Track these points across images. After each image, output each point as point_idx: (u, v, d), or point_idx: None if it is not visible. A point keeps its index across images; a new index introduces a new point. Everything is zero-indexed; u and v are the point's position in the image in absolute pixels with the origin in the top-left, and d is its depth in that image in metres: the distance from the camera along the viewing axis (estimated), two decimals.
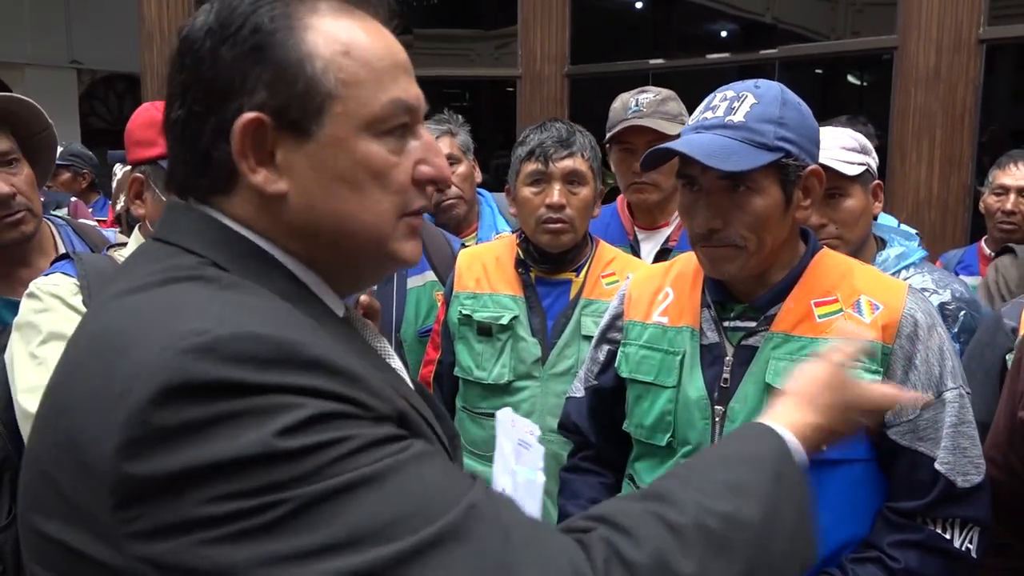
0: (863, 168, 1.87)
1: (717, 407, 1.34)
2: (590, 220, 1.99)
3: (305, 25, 0.76)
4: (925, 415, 1.26)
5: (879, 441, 1.28)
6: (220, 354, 0.62)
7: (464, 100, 9.51)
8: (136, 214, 1.63)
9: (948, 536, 1.26)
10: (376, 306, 1.02)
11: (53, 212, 2.83)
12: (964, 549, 1.26)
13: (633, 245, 2.34)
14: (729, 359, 1.34)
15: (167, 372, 0.61)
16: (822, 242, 1.48)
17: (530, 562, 0.64)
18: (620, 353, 1.50)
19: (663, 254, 2.23)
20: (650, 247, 2.32)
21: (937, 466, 1.25)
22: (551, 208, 1.90)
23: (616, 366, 1.50)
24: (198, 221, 0.78)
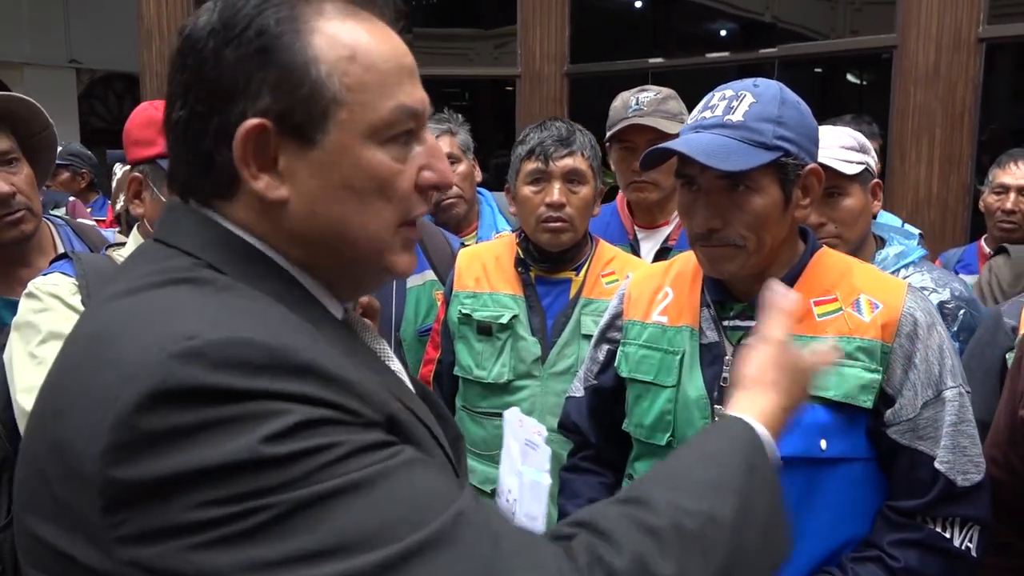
0: (862, 167, 1.87)
1: (717, 406, 1.34)
2: (590, 219, 1.99)
3: (311, 28, 0.74)
4: (925, 414, 1.26)
5: (879, 440, 1.28)
6: (209, 359, 0.62)
7: (463, 99, 9.51)
8: (135, 213, 1.63)
9: (948, 535, 1.26)
10: (376, 306, 1.02)
11: (52, 212, 2.82)
12: (964, 548, 1.26)
13: (633, 244, 2.34)
14: (729, 358, 1.34)
15: (156, 376, 0.61)
16: (821, 241, 1.47)
17: (520, 570, 0.64)
18: (620, 353, 1.50)
19: (663, 253, 2.23)
20: (650, 246, 2.32)
21: (937, 465, 1.25)
22: (551, 207, 1.90)
23: (616, 366, 1.50)
24: (197, 223, 0.77)
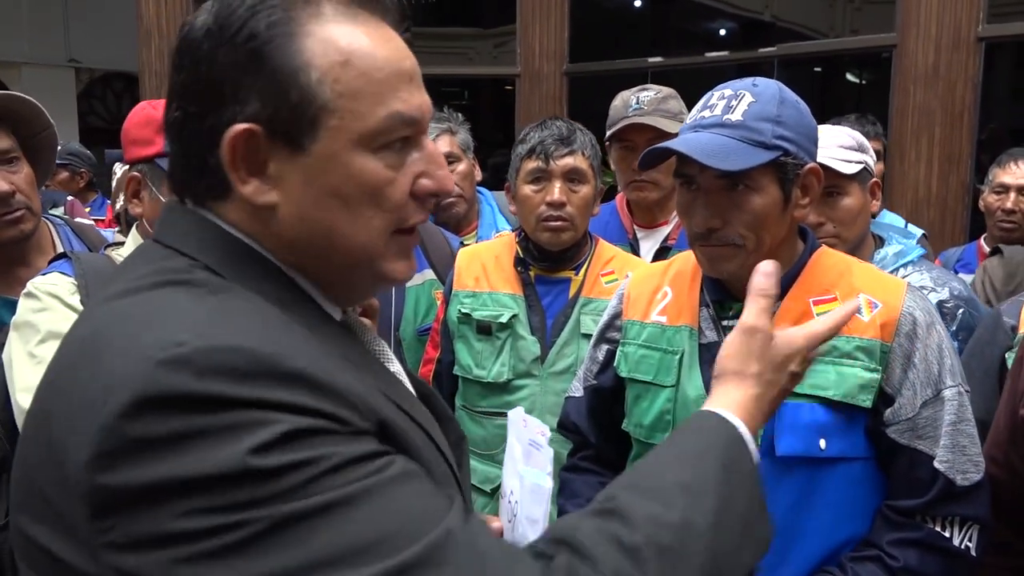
0: (860, 166, 1.87)
1: None
2: (590, 218, 1.99)
3: (305, 32, 0.73)
4: (924, 413, 1.26)
5: (878, 439, 1.28)
6: (196, 366, 0.61)
7: (463, 98, 9.51)
8: (133, 213, 1.63)
9: (947, 534, 1.26)
10: (375, 305, 1.01)
11: (50, 211, 2.82)
12: (963, 547, 1.26)
13: (632, 243, 2.34)
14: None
15: (142, 383, 0.61)
16: (820, 240, 1.47)
17: None
18: (619, 352, 1.50)
19: (662, 252, 2.23)
20: (649, 245, 2.32)
21: (936, 464, 1.25)
22: (552, 205, 1.90)
23: (615, 365, 1.50)
24: (194, 224, 0.77)
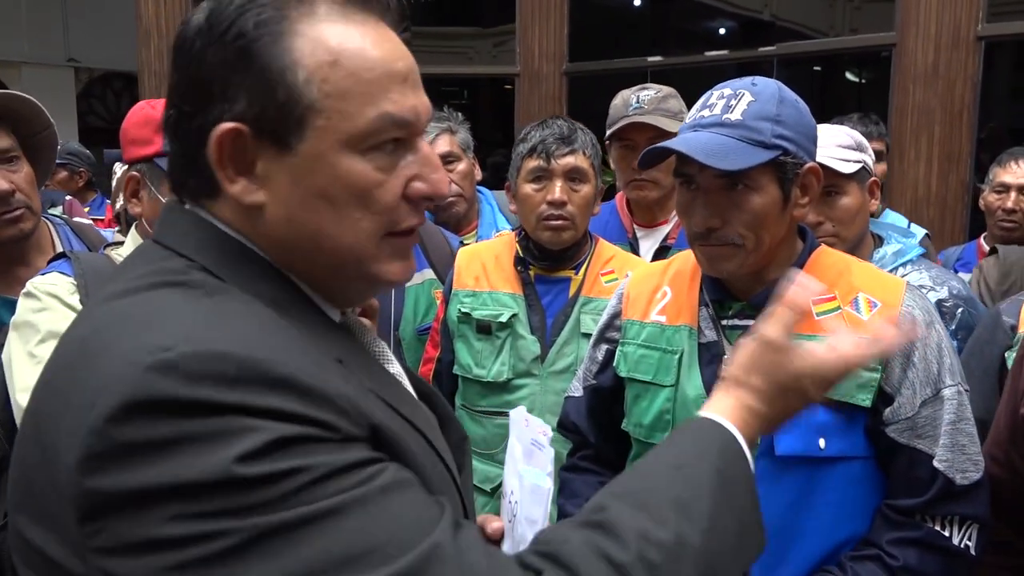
0: (859, 166, 1.87)
1: None
2: (590, 218, 1.99)
3: (294, 31, 0.72)
4: (924, 412, 1.26)
5: (877, 439, 1.28)
6: (185, 371, 0.61)
7: (462, 98, 9.52)
8: (133, 213, 1.63)
9: (947, 533, 1.26)
10: (375, 305, 1.01)
11: (49, 211, 2.82)
12: (963, 546, 1.26)
13: (632, 243, 2.34)
14: (727, 357, 1.34)
15: (130, 387, 0.60)
16: (819, 240, 1.47)
17: None
18: (618, 352, 1.50)
19: (662, 252, 2.23)
20: (649, 245, 2.32)
21: (936, 463, 1.25)
22: (552, 204, 1.90)
23: (614, 365, 1.50)
24: (192, 224, 0.77)
